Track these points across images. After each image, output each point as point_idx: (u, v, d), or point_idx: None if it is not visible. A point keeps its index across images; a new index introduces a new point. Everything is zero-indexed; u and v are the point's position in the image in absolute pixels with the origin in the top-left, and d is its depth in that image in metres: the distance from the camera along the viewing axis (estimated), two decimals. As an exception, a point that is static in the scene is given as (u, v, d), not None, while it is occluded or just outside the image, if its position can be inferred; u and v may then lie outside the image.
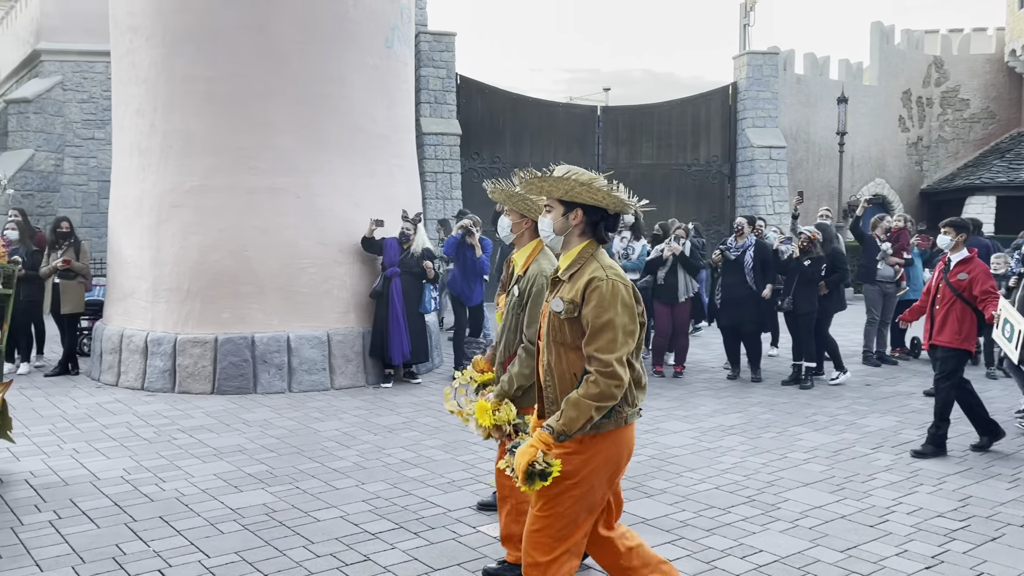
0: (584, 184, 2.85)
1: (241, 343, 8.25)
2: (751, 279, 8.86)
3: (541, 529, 2.88)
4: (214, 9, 8.34)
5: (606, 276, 2.81)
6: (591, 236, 2.95)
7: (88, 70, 17.80)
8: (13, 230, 9.16)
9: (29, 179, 17.21)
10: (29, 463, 5.71)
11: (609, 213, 2.95)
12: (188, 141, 8.47)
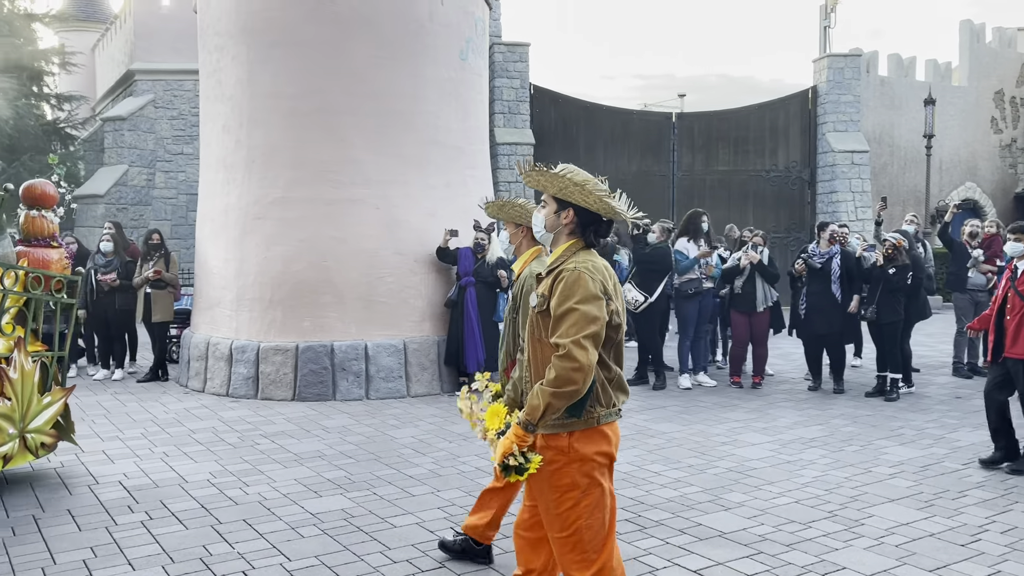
0: (577, 184, 2.83)
1: (321, 351, 8.46)
2: (836, 288, 8.62)
3: (574, 548, 2.85)
4: (295, 28, 8.60)
5: (574, 267, 2.78)
6: (580, 237, 2.92)
7: (178, 88, 18.56)
8: (108, 242, 9.62)
9: (123, 193, 18.04)
10: (123, 465, 5.97)
11: (603, 219, 2.91)
12: (271, 155, 8.75)
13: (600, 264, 2.86)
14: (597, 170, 11.99)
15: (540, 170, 2.88)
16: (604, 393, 2.85)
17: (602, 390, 2.84)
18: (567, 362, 2.68)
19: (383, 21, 8.70)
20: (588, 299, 2.72)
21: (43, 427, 5.59)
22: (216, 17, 9.15)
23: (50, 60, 19.51)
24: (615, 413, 2.89)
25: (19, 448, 5.37)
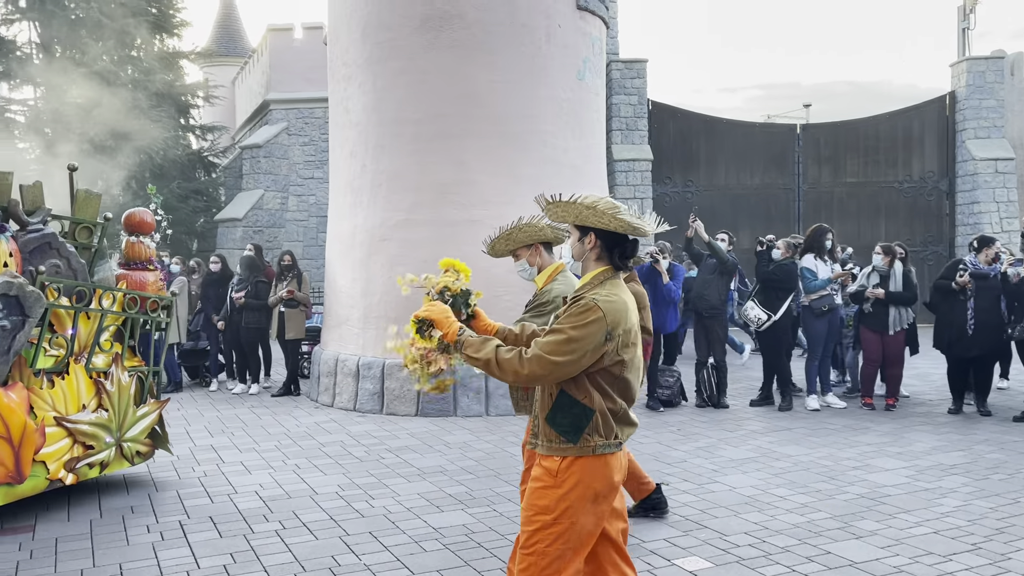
0: (589, 208, 2.83)
1: (442, 368, 8.65)
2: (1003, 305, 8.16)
3: (527, 568, 2.86)
4: (417, 56, 8.91)
5: (593, 298, 2.78)
6: (608, 262, 2.92)
7: (309, 116, 19.53)
8: (245, 261, 10.21)
9: (260, 216, 19.10)
10: (259, 476, 6.31)
11: (628, 239, 2.91)
12: (395, 179, 9.07)
13: (623, 299, 2.85)
14: (718, 184, 11.85)
15: (556, 202, 2.89)
16: (605, 424, 2.84)
17: (603, 420, 2.84)
18: (521, 364, 2.77)
19: (501, 46, 8.88)
20: (584, 334, 2.73)
21: (138, 436, 6.06)
22: (344, 48, 9.60)
23: (195, 94, 20.92)
24: (615, 445, 2.87)
25: (115, 455, 5.86)
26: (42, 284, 5.36)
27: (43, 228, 5.78)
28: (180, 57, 20.62)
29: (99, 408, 5.71)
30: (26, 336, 5.23)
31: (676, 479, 6.06)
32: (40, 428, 5.30)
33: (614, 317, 2.78)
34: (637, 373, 2.95)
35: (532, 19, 8.99)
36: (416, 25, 8.88)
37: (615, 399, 2.87)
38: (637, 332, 2.93)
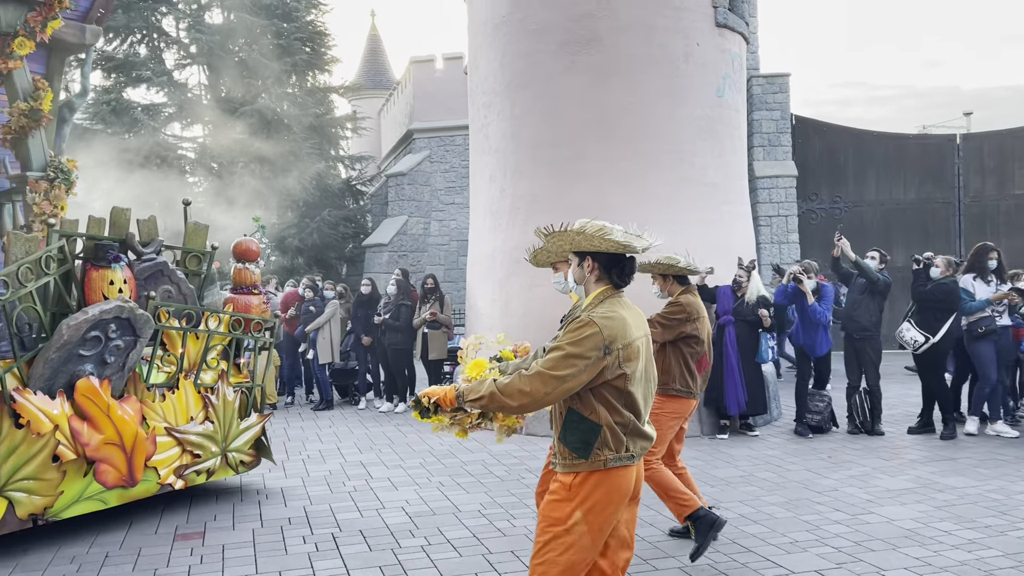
0: (579, 233, 2.98)
1: (581, 390, 8.67)
2: None
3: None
4: (554, 81, 9.04)
5: (589, 316, 2.90)
6: (608, 281, 3.05)
7: (449, 143, 20.18)
8: (393, 286, 10.64)
9: (404, 241, 19.85)
10: (405, 492, 6.53)
11: (624, 258, 3.04)
12: (532, 202, 9.21)
13: (621, 315, 2.94)
14: (868, 200, 11.33)
15: (552, 233, 3.07)
16: (614, 438, 2.92)
17: (611, 435, 2.92)
18: (523, 383, 2.86)
19: (638, 68, 8.88)
20: (580, 351, 2.83)
21: (242, 447, 6.54)
22: (484, 77, 9.88)
23: (344, 126, 22.08)
24: (627, 458, 2.94)
25: (221, 464, 6.36)
26: (154, 308, 5.90)
27: (156, 257, 6.34)
28: (330, 92, 21.83)
29: (206, 420, 6.25)
30: (138, 354, 5.80)
31: (827, 508, 5.79)
32: (151, 437, 5.82)
33: (611, 332, 2.88)
34: (643, 386, 3.02)
35: (669, 40, 8.94)
36: (553, 51, 9.03)
37: (622, 412, 2.94)
38: (641, 347, 3.00)
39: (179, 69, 20.28)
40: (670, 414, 5.08)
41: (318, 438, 8.94)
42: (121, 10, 18.86)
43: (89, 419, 5.44)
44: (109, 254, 5.85)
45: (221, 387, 6.41)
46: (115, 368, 5.65)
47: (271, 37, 19.27)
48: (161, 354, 6.09)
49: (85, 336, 5.40)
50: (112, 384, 5.63)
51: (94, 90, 19.99)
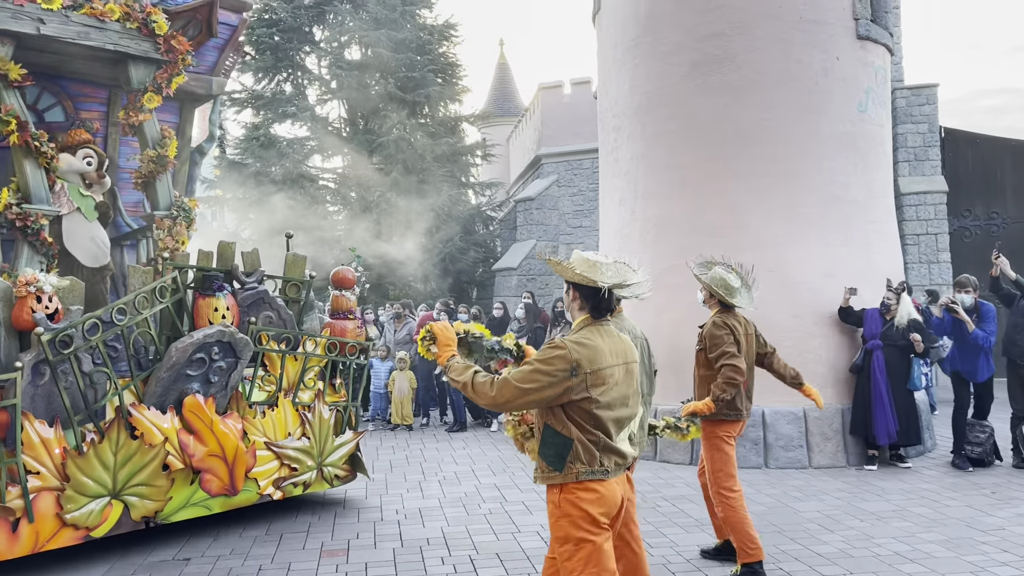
0: (566, 268, 3.26)
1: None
2: None
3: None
4: (686, 101, 8.93)
5: (563, 339, 3.17)
6: (588, 312, 3.29)
7: (577, 167, 20.26)
8: (521, 309, 10.75)
9: (532, 266, 20.03)
10: (539, 517, 6.52)
11: (599, 292, 3.23)
12: (663, 225, 9.10)
13: (595, 343, 3.17)
14: (1028, 216, 9.93)
15: (553, 263, 3.34)
16: (586, 452, 3.13)
17: (583, 449, 3.12)
18: (491, 388, 3.13)
19: (773, 84, 8.64)
20: (548, 369, 3.08)
21: (337, 462, 6.93)
22: (614, 100, 9.88)
23: (474, 153, 22.57)
24: (600, 472, 3.14)
25: (316, 477, 6.78)
26: (255, 332, 6.40)
27: (258, 286, 6.84)
28: (461, 121, 22.39)
29: (303, 436, 6.68)
30: (239, 375, 6.29)
31: (993, 548, 5.37)
32: (251, 451, 6.27)
33: (578, 356, 3.11)
34: (614, 411, 3.19)
35: (807, 55, 8.67)
36: (685, 72, 8.93)
37: (591, 431, 3.15)
38: (616, 374, 3.19)
39: (320, 104, 21.36)
40: (725, 437, 5.14)
41: (453, 460, 9.10)
42: (269, 51, 20.11)
43: (195, 433, 5.96)
44: (214, 284, 6.41)
45: (317, 405, 6.84)
46: (219, 387, 6.17)
47: (405, 70, 20.00)
48: (262, 374, 6.63)
49: (191, 358, 5.92)
50: (216, 401, 6.14)
51: (244, 126, 21.38)
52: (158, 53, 7.15)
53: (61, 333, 5.34)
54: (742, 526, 4.89)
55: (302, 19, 20.43)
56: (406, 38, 20.09)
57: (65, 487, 5.32)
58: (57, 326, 5.36)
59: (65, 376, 5.41)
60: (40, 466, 5.22)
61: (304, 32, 20.67)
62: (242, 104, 21.06)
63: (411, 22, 20.69)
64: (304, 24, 20.57)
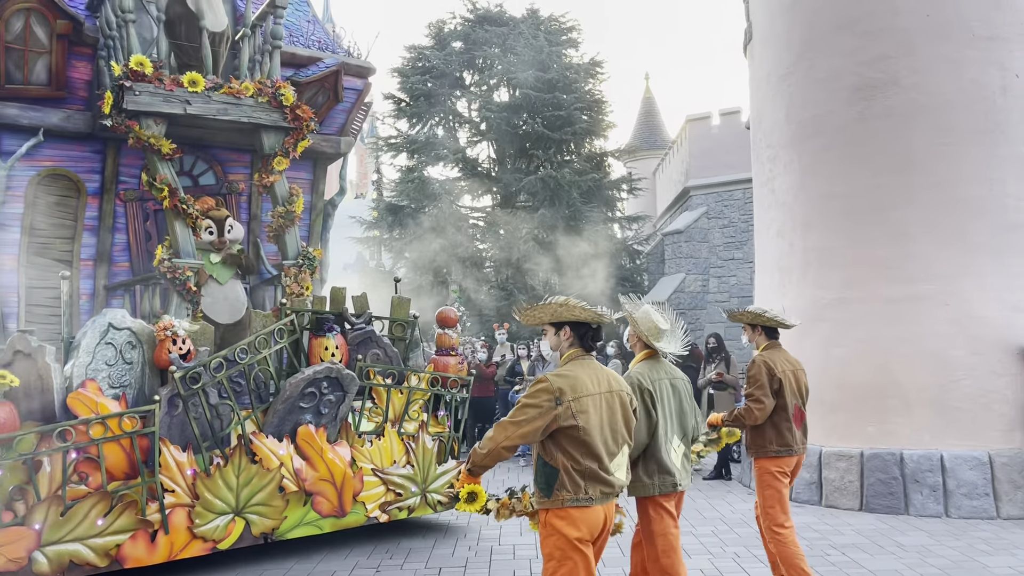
0: (561, 305, 3.56)
1: (889, 459, 7.92)
2: None
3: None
4: (846, 128, 8.57)
5: (546, 376, 3.48)
6: (580, 346, 3.63)
7: (727, 199, 19.80)
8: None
9: (681, 299, 19.66)
10: (698, 561, 6.32)
11: (591, 326, 3.61)
12: (825, 256, 8.71)
13: (576, 374, 3.50)
14: None
15: (531, 308, 3.63)
16: (571, 481, 3.42)
17: (568, 478, 3.42)
18: (491, 432, 3.49)
19: (943, 106, 8.15)
20: (534, 402, 3.42)
21: (439, 489, 7.31)
22: (768, 130, 9.62)
23: (620, 188, 22.53)
24: (584, 500, 3.42)
25: (420, 503, 7.23)
26: (363, 368, 7.02)
27: (365, 327, 7.47)
28: (607, 156, 22.44)
29: (407, 464, 7.19)
30: (347, 407, 6.90)
31: None
32: (359, 476, 6.84)
33: (560, 385, 3.43)
34: (601, 435, 3.46)
35: (982, 74, 8.12)
36: (844, 98, 8.58)
37: (578, 460, 3.42)
38: (599, 402, 3.47)
39: (471, 145, 22.05)
40: (776, 472, 5.07)
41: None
42: (423, 98, 21.00)
43: (307, 459, 6.61)
44: (325, 325, 7.07)
45: (421, 435, 7.34)
46: (328, 418, 6.80)
47: (552, 109, 20.32)
48: (370, 406, 7.22)
49: (303, 392, 6.59)
50: (327, 431, 6.77)
51: (400, 170, 22.36)
52: (286, 122, 8.03)
53: (191, 371, 6.11)
54: (794, 560, 4.87)
55: (453, 65, 21.22)
56: (553, 78, 20.43)
57: (195, 504, 6.04)
58: (188, 365, 6.12)
59: (195, 408, 6.16)
60: (175, 485, 5.97)
61: (455, 77, 21.45)
62: (397, 149, 22.04)
63: (557, 62, 21.03)
64: (455, 70, 21.36)
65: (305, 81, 8.53)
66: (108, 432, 5.67)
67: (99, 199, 8.24)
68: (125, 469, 5.81)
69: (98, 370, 6.02)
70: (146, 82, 7.30)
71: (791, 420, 5.10)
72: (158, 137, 7.46)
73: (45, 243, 8.00)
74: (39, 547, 5.41)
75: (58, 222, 8.07)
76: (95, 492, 5.63)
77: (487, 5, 22.10)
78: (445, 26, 22.09)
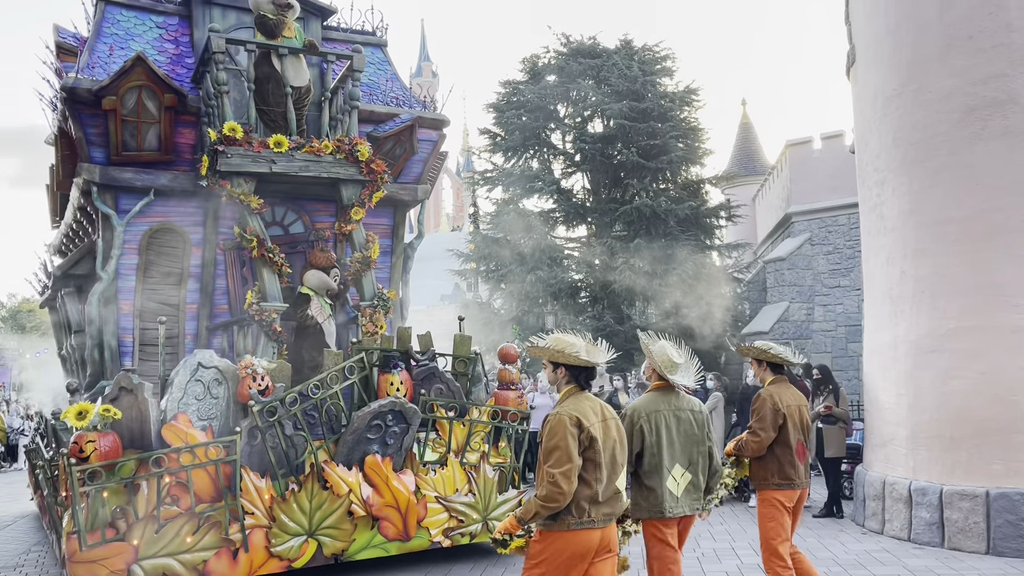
0: (559, 351, 4.01)
1: (1018, 500, 7.42)
2: None
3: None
4: (959, 150, 8.18)
5: (558, 412, 3.87)
6: (575, 383, 4.06)
7: (832, 224, 19.17)
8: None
9: (785, 329, 19.06)
10: (811, 603, 6.04)
11: (584, 368, 4.03)
12: (940, 284, 8.30)
13: (582, 406, 3.93)
14: None
15: (534, 347, 4.09)
16: (577, 507, 3.80)
17: (574, 504, 3.80)
18: (554, 488, 3.72)
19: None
20: (565, 438, 3.77)
21: (500, 517, 7.61)
22: (875, 154, 9.29)
23: (718, 215, 22.14)
24: (588, 523, 3.82)
25: (482, 529, 7.65)
26: (427, 402, 7.52)
27: (429, 363, 8.03)
28: (704, 183, 22.13)
29: (469, 492, 7.60)
30: (411, 438, 7.36)
31: None
32: (423, 503, 7.33)
33: (574, 414, 3.85)
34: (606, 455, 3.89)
35: (1109, 87, 7.65)
36: (957, 119, 8.21)
37: (590, 482, 3.82)
38: (599, 430, 3.89)
39: (565, 177, 22.14)
40: (776, 503, 5.31)
41: (711, 535, 8.74)
42: (518, 131, 21.28)
43: (374, 486, 7.14)
44: (391, 363, 7.70)
45: (483, 466, 7.76)
46: (394, 448, 7.30)
47: (647, 138, 20.23)
48: (434, 437, 7.68)
49: (370, 424, 7.14)
50: (392, 460, 7.26)
51: (495, 203, 22.66)
52: (361, 175, 8.66)
53: (268, 405, 6.76)
54: None
55: (547, 98, 21.44)
56: (647, 107, 20.37)
57: (272, 526, 6.71)
58: (265, 399, 6.76)
59: (272, 438, 6.81)
60: (254, 508, 6.67)
61: (549, 110, 21.66)
62: (493, 182, 22.36)
63: (652, 91, 20.96)
64: (549, 103, 21.56)
65: (383, 136, 9.20)
66: (196, 460, 6.40)
67: (202, 249, 9.07)
68: (211, 493, 6.51)
69: (188, 404, 6.83)
70: (237, 145, 8.06)
71: (794, 454, 5.30)
72: (247, 194, 8.19)
73: (155, 289, 8.92)
74: (136, 561, 6.18)
75: (167, 270, 8.97)
76: (185, 513, 6.37)
77: (580, 38, 22.28)
78: (539, 60, 22.37)
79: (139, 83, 8.09)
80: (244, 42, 8.49)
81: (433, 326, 14.88)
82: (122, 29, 9.25)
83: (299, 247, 9.26)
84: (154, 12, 9.47)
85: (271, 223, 9.08)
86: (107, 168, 8.45)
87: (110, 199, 8.53)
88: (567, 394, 4.04)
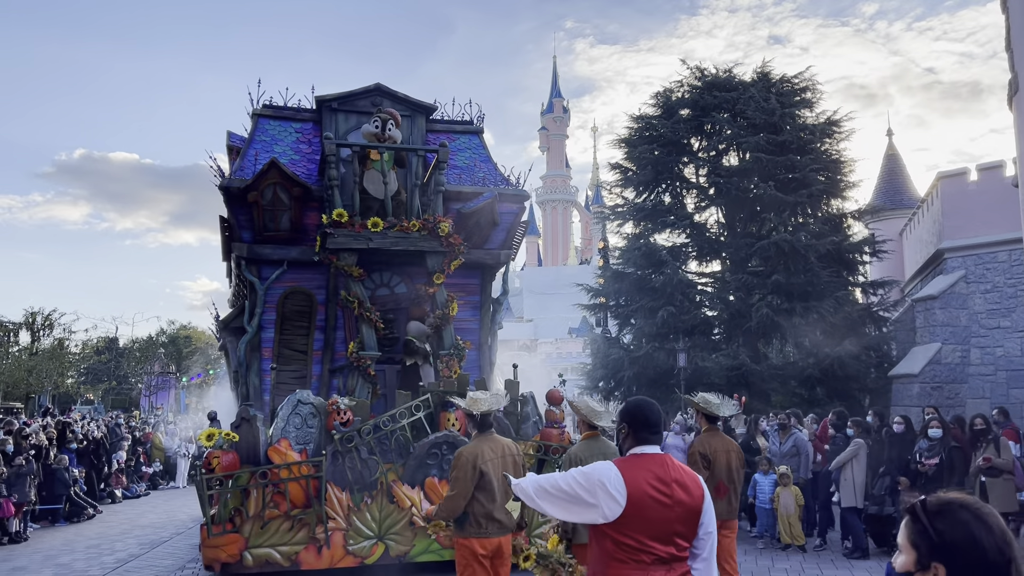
0: (472, 403, 5.67)
1: None
2: None
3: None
4: None
5: (460, 451, 5.51)
6: (476, 428, 5.71)
7: (990, 261, 17.91)
8: (937, 428, 9.56)
9: (937, 371, 17.86)
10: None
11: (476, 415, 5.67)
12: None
13: (478, 445, 5.49)
14: None
15: (466, 399, 5.75)
16: (474, 519, 5.37)
17: (472, 518, 5.37)
18: (445, 504, 5.45)
19: None
20: (461, 472, 5.38)
21: (541, 535, 8.22)
22: (1041, 188, 8.65)
23: (862, 251, 21.12)
24: (484, 533, 5.38)
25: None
26: None
27: None
28: (847, 217, 21.19)
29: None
30: None
31: None
32: None
33: (472, 453, 5.39)
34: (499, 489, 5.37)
35: None
36: None
37: (482, 503, 5.36)
38: (495, 466, 5.40)
39: (698, 212, 21.74)
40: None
41: None
42: (650, 166, 21.15)
43: (432, 502, 8.15)
44: (448, 403, 8.71)
45: None
46: (449, 473, 8.10)
47: (785, 172, 19.62)
48: None
49: (428, 452, 8.77)
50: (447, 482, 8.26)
51: (626, 238, 22.53)
52: (442, 248, 10.35)
53: (346, 434, 8.62)
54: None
55: (680, 132, 21.22)
56: (786, 140, 19.80)
57: (349, 529, 8.39)
58: (345, 430, 8.63)
59: (350, 460, 8.62)
60: (335, 514, 8.41)
61: (682, 144, 21.42)
62: (624, 217, 22.23)
63: (791, 123, 20.37)
64: (682, 137, 21.34)
65: (469, 212, 10.85)
66: (292, 475, 8.30)
67: (325, 307, 11.12)
68: (302, 500, 8.39)
69: (288, 432, 8.77)
70: (343, 227, 9.94)
71: (716, 490, 6.29)
72: (350, 265, 10.10)
73: (289, 339, 11.00)
74: (247, 548, 8.17)
75: (297, 324, 11.04)
76: (282, 515, 8.30)
77: (715, 71, 21.99)
78: (672, 94, 22.21)
79: (274, 181, 10.16)
80: (349, 144, 10.52)
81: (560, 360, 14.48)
82: (269, 136, 11.64)
83: (402, 304, 11.19)
84: (294, 120, 11.92)
85: (380, 285, 11.07)
86: (252, 246, 10.63)
87: (255, 269, 10.72)
88: (475, 437, 5.63)
